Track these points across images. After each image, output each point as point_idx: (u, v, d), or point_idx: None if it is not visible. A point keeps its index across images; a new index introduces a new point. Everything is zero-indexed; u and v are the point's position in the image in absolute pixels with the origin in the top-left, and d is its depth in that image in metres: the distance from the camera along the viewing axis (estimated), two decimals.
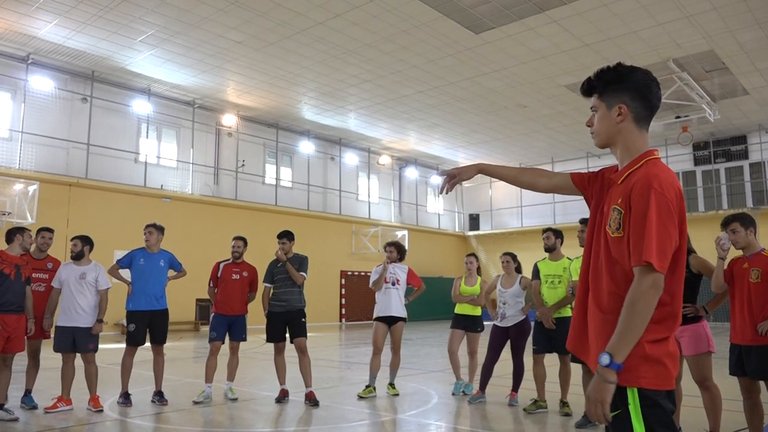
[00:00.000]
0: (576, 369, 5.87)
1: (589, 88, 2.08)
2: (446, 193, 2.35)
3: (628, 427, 1.85)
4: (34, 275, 6.23)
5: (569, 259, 6.17)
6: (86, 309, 6.11)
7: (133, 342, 6.46)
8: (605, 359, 1.81)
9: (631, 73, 2.02)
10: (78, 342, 6.06)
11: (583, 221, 5.74)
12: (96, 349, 6.21)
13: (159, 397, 6.44)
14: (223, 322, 6.86)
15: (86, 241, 6.37)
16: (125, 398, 6.30)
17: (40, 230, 6.65)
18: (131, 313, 6.51)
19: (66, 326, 6.05)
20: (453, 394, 7.09)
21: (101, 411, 6.03)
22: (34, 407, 6.10)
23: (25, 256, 6.16)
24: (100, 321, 6.19)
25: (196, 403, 6.43)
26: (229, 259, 7.09)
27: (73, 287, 6.10)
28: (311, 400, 6.41)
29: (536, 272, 6.30)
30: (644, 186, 1.88)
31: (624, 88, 2.01)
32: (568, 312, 6.00)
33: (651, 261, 1.78)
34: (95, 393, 6.14)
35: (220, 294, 6.90)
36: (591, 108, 2.10)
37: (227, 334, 6.94)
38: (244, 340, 7.02)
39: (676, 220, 1.87)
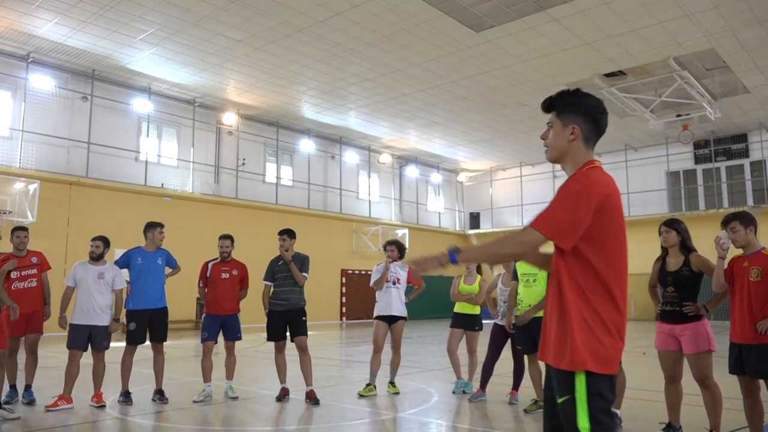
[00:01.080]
0: None
1: (549, 105, 2.33)
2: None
3: (573, 411, 2.07)
4: (22, 273, 6.37)
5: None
6: (104, 308, 6.25)
7: (133, 341, 6.47)
8: (452, 252, 2.20)
9: (587, 99, 2.30)
10: (94, 340, 6.19)
11: None
12: (108, 347, 6.31)
13: (159, 395, 6.45)
14: (215, 322, 6.82)
15: (107, 243, 6.49)
16: (126, 397, 6.32)
17: (14, 230, 6.60)
18: (131, 312, 6.52)
19: (84, 324, 6.14)
20: (453, 392, 7.09)
21: (103, 407, 6.07)
22: (32, 401, 6.18)
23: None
24: (116, 320, 6.33)
25: (196, 402, 6.44)
26: (217, 258, 7.05)
27: (92, 286, 6.21)
28: (312, 399, 6.41)
29: (514, 272, 6.29)
30: (567, 179, 2.21)
31: (579, 111, 2.27)
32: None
33: (535, 227, 2.10)
34: (99, 390, 6.18)
35: (210, 294, 6.87)
36: (547, 123, 2.33)
37: (222, 334, 6.92)
38: (239, 339, 6.99)
39: (592, 208, 2.08)
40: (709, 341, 4.62)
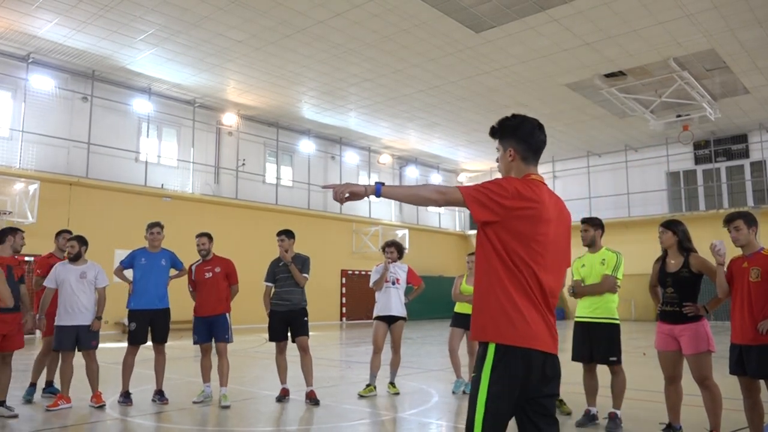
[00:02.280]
0: (577, 369, 5.86)
1: (492, 133, 2.71)
2: (339, 201, 2.53)
3: (478, 377, 2.35)
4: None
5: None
6: (88, 307, 6.22)
7: (134, 341, 6.47)
8: (378, 185, 2.45)
9: (520, 123, 2.63)
10: (81, 340, 6.15)
11: (585, 220, 5.74)
12: (97, 346, 6.29)
13: (160, 396, 6.45)
14: (203, 324, 6.62)
15: (83, 241, 6.42)
16: (126, 397, 6.32)
17: (59, 232, 7.04)
18: (132, 312, 6.52)
19: (69, 325, 6.11)
20: (453, 392, 7.09)
21: (103, 406, 6.08)
22: (29, 401, 6.29)
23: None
24: (99, 318, 6.28)
25: (195, 402, 6.44)
26: (199, 260, 6.82)
27: (75, 286, 6.16)
28: (312, 399, 6.41)
29: None
30: (503, 176, 2.59)
31: (512, 136, 2.61)
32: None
33: (460, 189, 2.40)
34: (97, 390, 6.19)
35: (197, 296, 6.71)
36: (497, 149, 2.69)
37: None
38: (227, 341, 6.63)
39: (507, 204, 2.37)
40: (709, 342, 4.62)
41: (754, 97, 18.67)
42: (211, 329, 6.62)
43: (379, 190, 2.45)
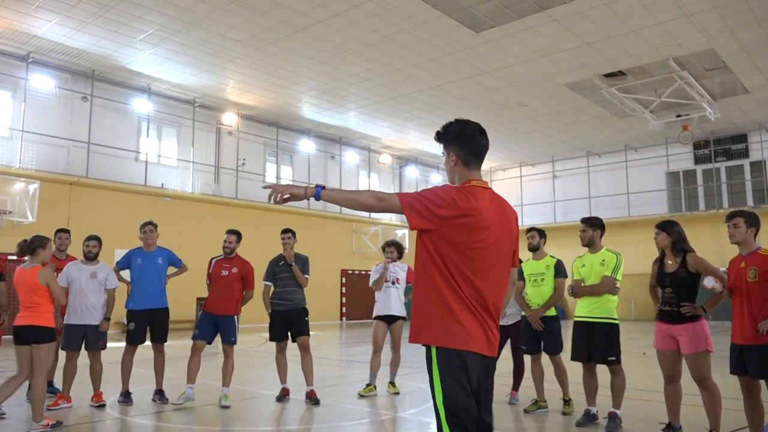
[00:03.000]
0: (577, 368, 5.87)
1: (438, 138, 2.73)
2: (275, 203, 2.62)
3: (431, 381, 2.49)
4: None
5: (552, 257, 6.18)
6: (97, 307, 6.24)
7: (133, 341, 6.47)
8: (319, 188, 2.53)
9: (461, 129, 2.67)
10: (89, 339, 6.18)
11: (585, 220, 5.74)
12: (105, 347, 6.31)
13: (159, 395, 6.46)
14: (209, 321, 6.53)
15: (101, 242, 6.49)
16: (126, 397, 6.32)
17: (58, 231, 6.99)
18: (131, 312, 6.52)
19: (78, 324, 6.14)
20: None
21: (103, 406, 6.09)
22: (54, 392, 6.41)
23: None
24: (107, 319, 6.30)
25: (175, 404, 6.29)
26: (221, 255, 6.77)
27: (85, 286, 6.19)
28: (312, 399, 6.43)
29: (520, 272, 6.27)
30: (445, 184, 2.63)
31: (453, 142, 2.66)
32: (553, 311, 6.04)
33: (399, 196, 2.50)
34: (99, 389, 6.19)
35: (210, 291, 6.66)
36: (442, 154, 2.74)
37: (219, 336, 6.64)
38: (233, 343, 6.53)
39: (443, 205, 2.45)
40: (707, 342, 4.63)
41: (753, 97, 18.67)
42: (217, 328, 6.55)
43: (319, 193, 2.53)
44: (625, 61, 15.98)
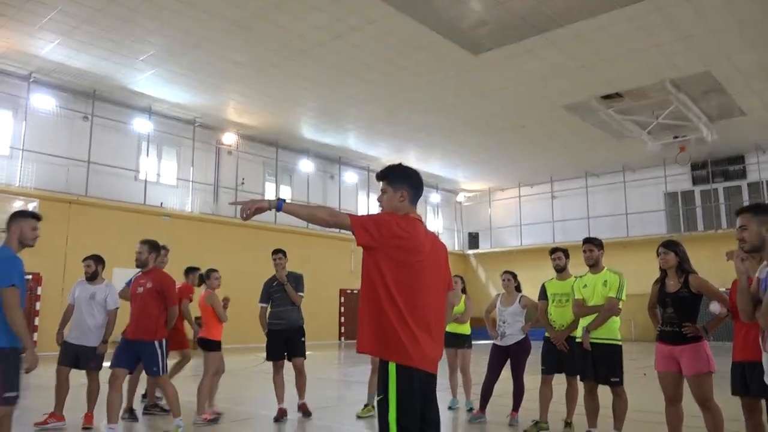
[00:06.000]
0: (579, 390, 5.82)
1: (382, 177, 3.10)
2: (244, 219, 2.79)
3: (385, 397, 2.65)
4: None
5: (576, 277, 6.11)
6: (92, 329, 6.14)
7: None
8: (281, 201, 2.75)
9: (413, 173, 3.18)
10: (81, 360, 6.11)
11: (588, 240, 5.72)
12: (98, 368, 6.20)
13: (130, 414, 6.50)
14: (126, 347, 5.67)
15: (99, 260, 6.39)
16: (130, 414, 6.32)
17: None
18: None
19: (72, 343, 6.11)
20: (449, 408, 7.22)
21: (89, 429, 5.92)
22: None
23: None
24: (105, 342, 6.18)
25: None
26: (139, 270, 5.92)
27: (84, 307, 6.15)
28: (304, 412, 6.60)
29: (543, 292, 6.21)
30: (386, 212, 3.00)
31: (405, 182, 3.09)
32: (577, 332, 5.87)
33: (350, 216, 2.78)
34: (92, 411, 6.10)
35: (131, 312, 5.90)
36: (381, 189, 3.06)
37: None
38: (155, 373, 5.66)
39: (386, 226, 2.79)
40: (709, 363, 4.59)
41: (750, 118, 18.80)
42: (139, 356, 5.71)
43: (280, 205, 2.75)
44: (623, 83, 16.12)
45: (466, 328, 7.38)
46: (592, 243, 5.66)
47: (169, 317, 5.81)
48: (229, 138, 20.46)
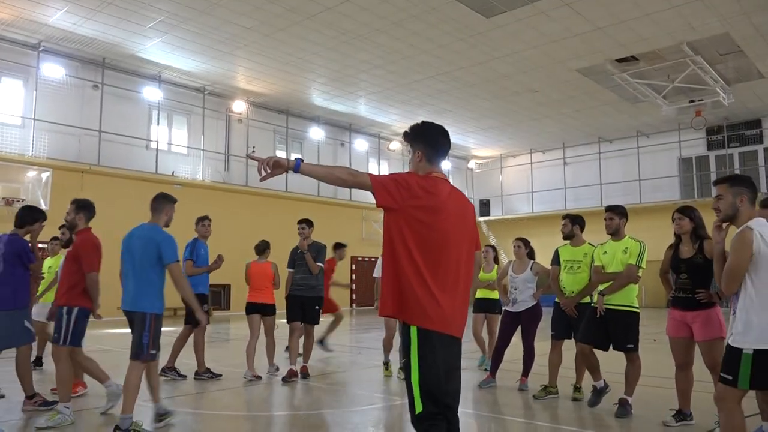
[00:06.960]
0: (603, 356, 5.86)
1: (405, 137, 3.04)
2: (261, 179, 2.77)
3: (408, 361, 2.65)
4: None
5: (591, 245, 6.06)
6: None
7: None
8: (298, 161, 2.70)
9: (427, 129, 2.99)
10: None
11: (609, 208, 5.67)
12: (54, 341, 5.16)
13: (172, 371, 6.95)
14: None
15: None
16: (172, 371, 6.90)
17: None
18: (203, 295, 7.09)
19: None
20: (478, 366, 7.84)
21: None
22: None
23: None
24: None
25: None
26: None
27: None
28: (303, 374, 6.97)
29: (556, 257, 6.20)
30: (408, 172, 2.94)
31: (420, 141, 2.96)
32: (587, 299, 5.90)
33: (369, 175, 2.77)
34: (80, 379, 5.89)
35: None
36: (408, 151, 3.04)
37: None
38: (56, 341, 5.04)
39: (407, 187, 2.73)
40: (721, 328, 4.60)
41: None
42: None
43: (298, 164, 2.69)
44: (638, 45, 15.78)
45: (496, 294, 7.63)
46: (613, 211, 5.61)
47: (88, 283, 5.08)
48: (239, 106, 20.38)
